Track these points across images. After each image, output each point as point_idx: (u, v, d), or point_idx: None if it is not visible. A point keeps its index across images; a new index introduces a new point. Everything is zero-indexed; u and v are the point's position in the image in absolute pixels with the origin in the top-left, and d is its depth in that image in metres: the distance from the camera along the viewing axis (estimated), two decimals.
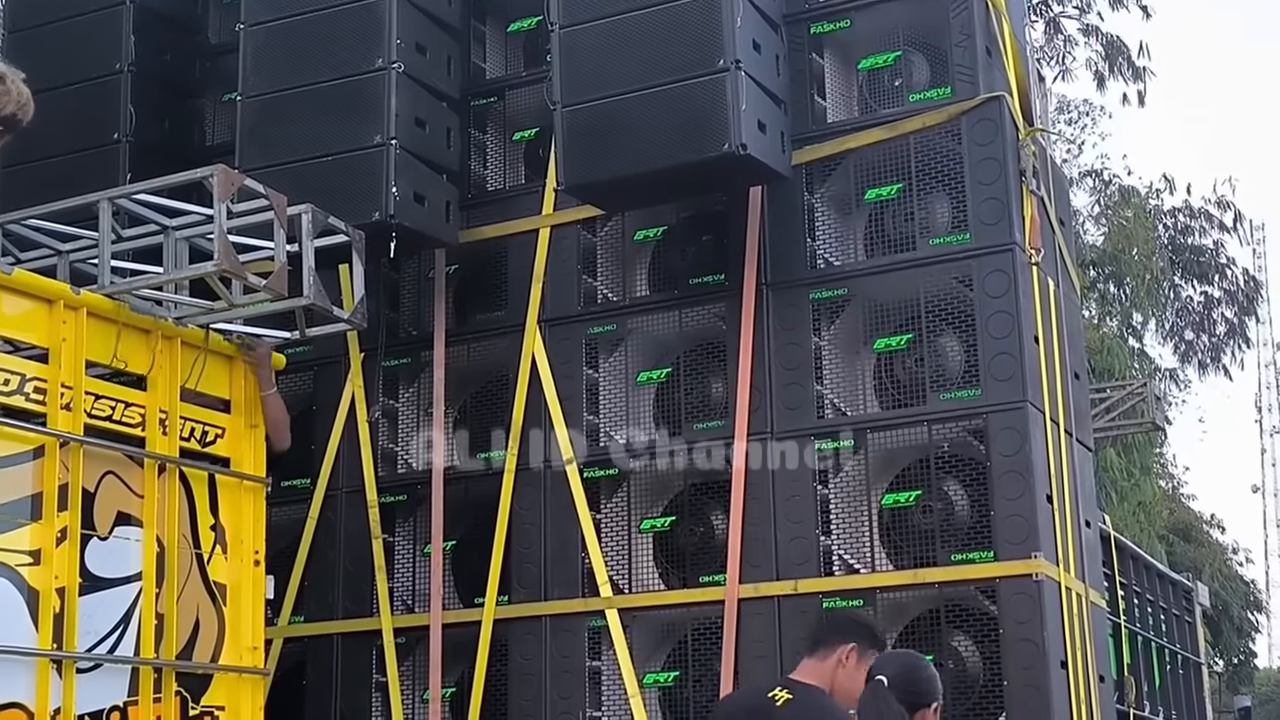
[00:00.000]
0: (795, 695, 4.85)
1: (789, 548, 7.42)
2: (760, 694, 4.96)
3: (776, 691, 4.89)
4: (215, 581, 6.25)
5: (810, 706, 4.85)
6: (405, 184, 7.71)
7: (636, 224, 8.19)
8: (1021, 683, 6.84)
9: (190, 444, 6.25)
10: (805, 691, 4.88)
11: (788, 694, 4.86)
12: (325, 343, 7.99)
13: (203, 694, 6.08)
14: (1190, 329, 28.88)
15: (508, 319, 8.36)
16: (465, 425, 8.46)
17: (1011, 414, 7.14)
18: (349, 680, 8.29)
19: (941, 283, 7.45)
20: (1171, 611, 12.19)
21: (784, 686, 4.92)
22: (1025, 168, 7.53)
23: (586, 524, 7.85)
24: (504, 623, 7.95)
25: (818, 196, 7.87)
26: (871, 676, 4.69)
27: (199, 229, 6.20)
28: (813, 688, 4.93)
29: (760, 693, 4.98)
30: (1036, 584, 6.91)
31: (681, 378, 7.95)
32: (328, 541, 8.50)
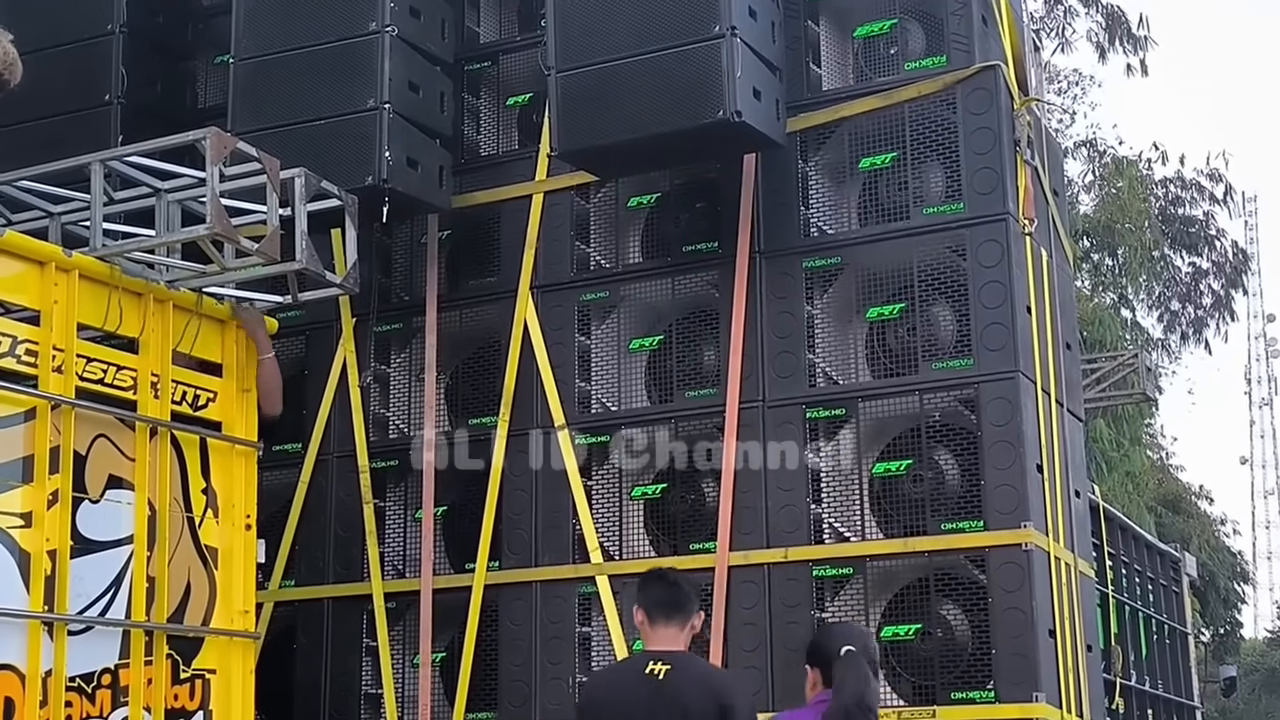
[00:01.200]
0: (673, 665, 4.92)
1: (779, 516, 7.44)
2: (636, 671, 5.00)
3: (653, 666, 4.94)
4: (206, 545, 6.25)
5: (694, 672, 4.98)
6: (398, 148, 7.68)
7: (630, 190, 8.17)
8: (1009, 651, 6.88)
9: (182, 408, 6.24)
10: (681, 659, 4.97)
11: (665, 665, 4.92)
12: (317, 307, 7.98)
13: (194, 657, 6.10)
14: (1176, 300, 28.91)
15: (500, 285, 8.35)
16: (457, 391, 8.46)
17: (1003, 384, 7.15)
18: (339, 644, 8.31)
19: (935, 252, 7.45)
20: (1159, 582, 12.24)
21: (655, 659, 4.97)
22: (1020, 137, 7.52)
23: (577, 490, 7.86)
24: (494, 588, 7.97)
25: (811, 164, 7.85)
26: (838, 649, 4.75)
27: (191, 192, 6.18)
28: (684, 654, 5.03)
29: (635, 670, 5.02)
30: (1026, 553, 6.94)
31: (674, 345, 7.95)
32: (319, 506, 8.51)
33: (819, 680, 4.89)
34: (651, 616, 5.09)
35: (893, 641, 7.15)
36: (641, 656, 5.09)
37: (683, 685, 4.87)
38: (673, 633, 5.05)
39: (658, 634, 5.06)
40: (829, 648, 4.85)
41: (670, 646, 5.02)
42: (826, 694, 4.78)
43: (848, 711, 4.59)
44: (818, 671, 4.90)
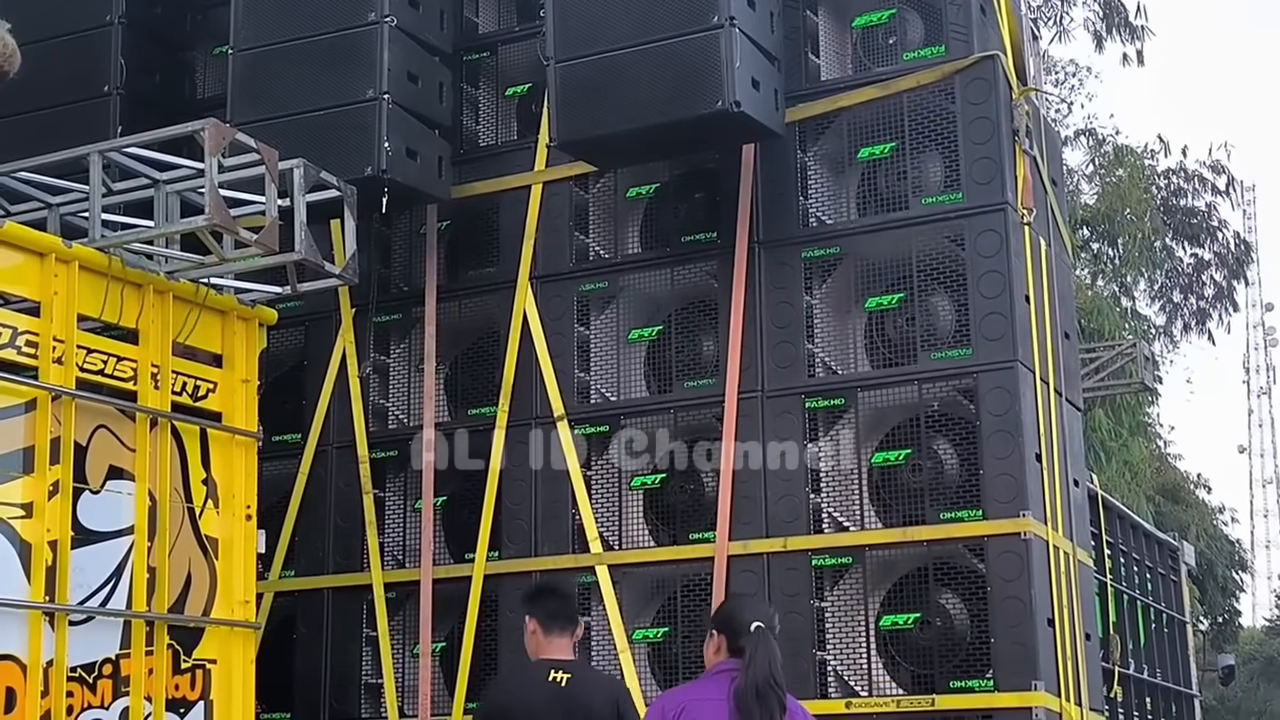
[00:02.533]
0: (573, 674, 5.33)
1: (779, 505, 7.45)
2: (539, 679, 5.32)
3: (555, 674, 5.31)
4: (207, 535, 6.27)
5: (591, 678, 5.52)
6: (397, 139, 7.69)
7: (629, 181, 8.18)
8: (1008, 640, 6.89)
9: (182, 398, 6.25)
10: (576, 667, 5.43)
11: (565, 674, 5.31)
12: (316, 298, 7.99)
13: (194, 647, 6.12)
14: (1178, 290, 28.90)
15: (499, 275, 8.36)
16: (456, 381, 8.47)
17: (1001, 373, 7.16)
18: (339, 634, 8.33)
19: (933, 242, 7.45)
20: (1157, 570, 12.25)
21: (555, 668, 5.33)
22: (1018, 127, 7.53)
23: (577, 481, 7.87)
24: (494, 578, 7.98)
25: (810, 155, 7.86)
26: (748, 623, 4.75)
27: (190, 183, 6.19)
28: (577, 662, 5.51)
29: (538, 678, 5.34)
30: (1024, 542, 6.95)
31: (673, 335, 7.96)
32: (319, 496, 8.52)
33: (723, 646, 4.84)
34: (546, 628, 5.43)
35: (892, 630, 7.17)
36: (541, 664, 5.38)
37: (584, 690, 5.29)
38: (565, 642, 5.44)
39: (552, 644, 5.41)
40: (741, 619, 4.82)
41: (564, 655, 5.41)
42: (731, 662, 4.76)
43: (758, 687, 4.60)
44: (723, 638, 4.85)
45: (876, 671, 7.18)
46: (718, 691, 4.67)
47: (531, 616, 5.49)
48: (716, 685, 4.71)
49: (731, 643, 4.79)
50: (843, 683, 7.26)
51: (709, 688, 4.75)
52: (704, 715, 4.64)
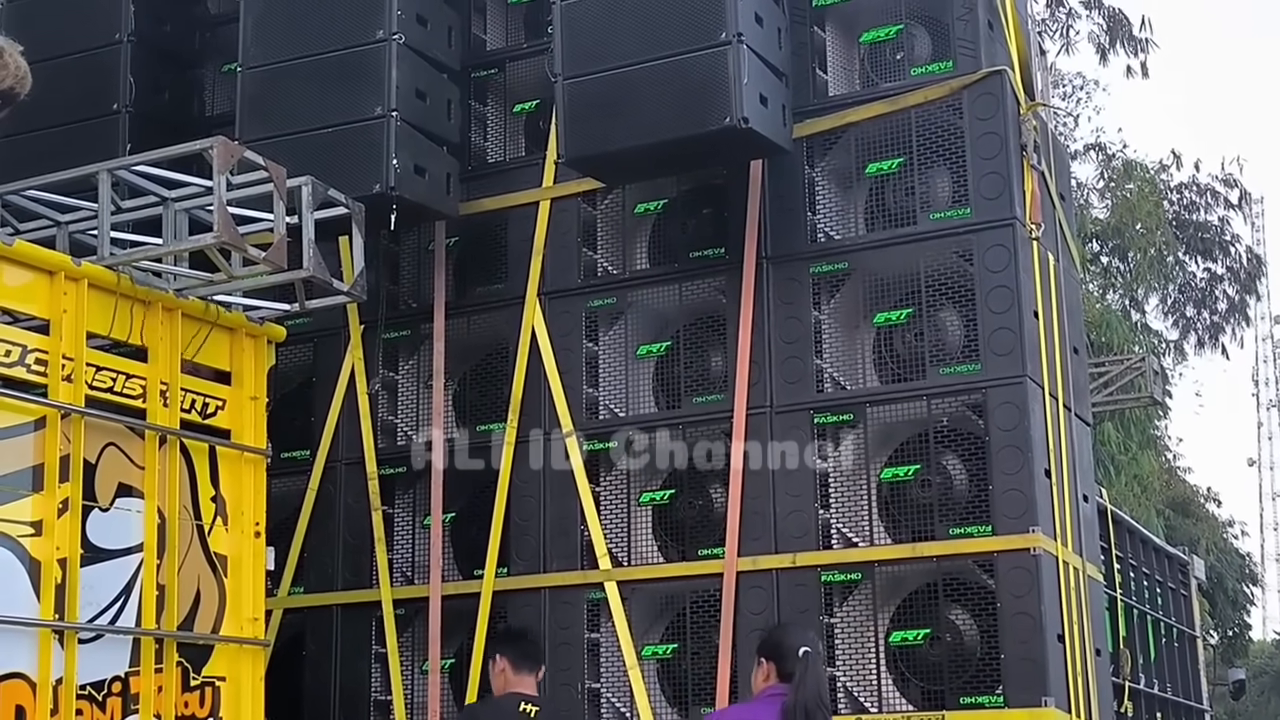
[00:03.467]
0: (541, 707, 5.97)
1: (788, 521, 7.44)
2: (511, 711, 5.91)
3: (524, 707, 5.90)
4: (216, 553, 6.27)
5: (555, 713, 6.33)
6: (406, 156, 7.70)
7: (637, 197, 8.18)
8: (1018, 656, 6.87)
9: (191, 416, 6.26)
10: (544, 702, 6.09)
11: (534, 707, 5.93)
12: (325, 315, 8.00)
13: (204, 664, 6.12)
14: (1191, 305, 28.87)
15: (508, 291, 8.36)
16: (465, 397, 8.47)
17: (1010, 389, 7.15)
18: (348, 651, 8.33)
19: (942, 257, 7.45)
20: (1167, 585, 12.22)
21: (525, 701, 5.93)
22: (1026, 142, 7.53)
23: (586, 497, 7.87)
24: (503, 594, 7.97)
25: (818, 170, 7.86)
26: (797, 648, 5.05)
27: (198, 200, 6.21)
28: (541, 697, 6.10)
29: (510, 709, 5.92)
30: (1034, 558, 6.93)
31: (681, 351, 7.96)
32: (327, 513, 8.52)
33: (772, 673, 5.10)
34: (516, 667, 6.06)
35: (901, 646, 7.16)
36: (511, 697, 5.97)
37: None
38: (530, 680, 6.07)
39: (520, 680, 6.04)
40: (788, 645, 5.10)
41: (530, 691, 6.03)
42: (780, 687, 5.02)
43: (808, 708, 4.91)
44: (772, 665, 5.11)
45: (886, 688, 7.17)
46: (768, 713, 4.96)
47: (503, 655, 6.10)
48: (767, 707, 5.00)
49: (781, 668, 5.06)
50: (853, 699, 7.24)
51: (759, 709, 5.05)
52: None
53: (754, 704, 5.18)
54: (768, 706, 5.00)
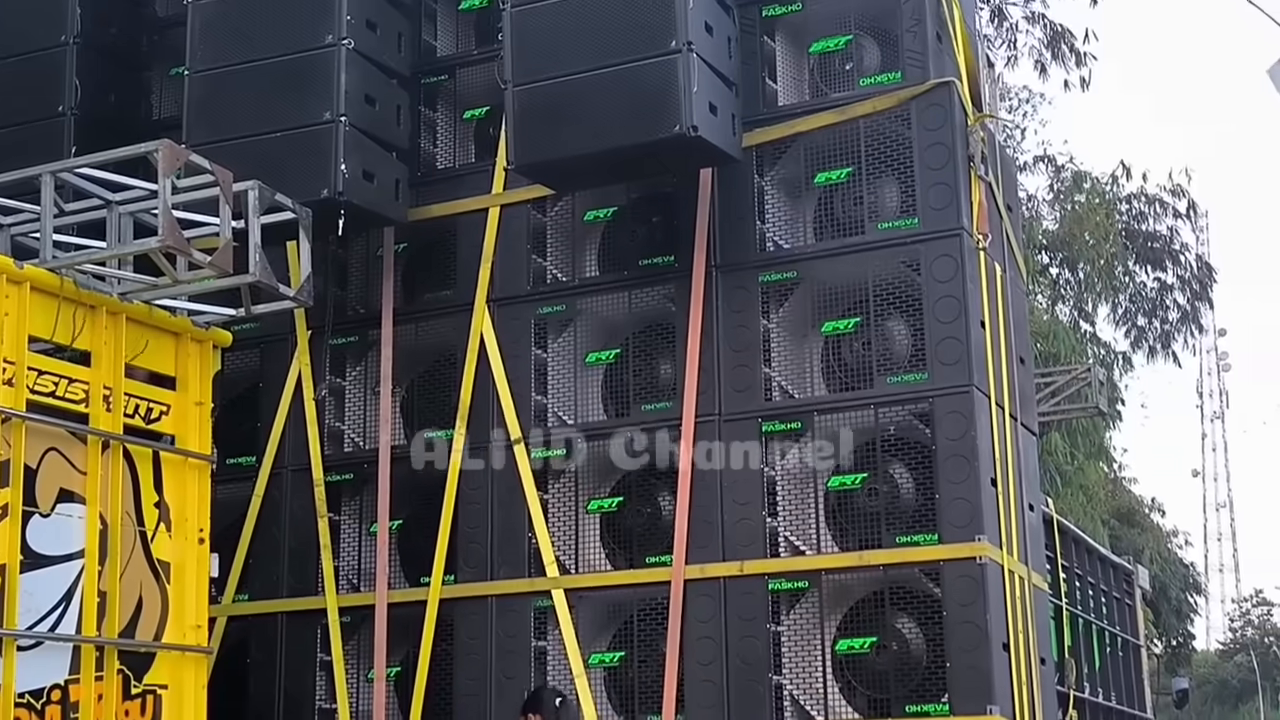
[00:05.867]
0: None
1: (736, 529, 7.45)
2: None
3: None
4: (159, 559, 6.22)
5: None
6: (354, 161, 7.67)
7: (586, 204, 8.18)
8: (964, 664, 6.91)
9: (134, 421, 6.21)
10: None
11: None
12: (272, 320, 7.95)
13: (145, 672, 6.06)
14: (1143, 314, 29.09)
15: (456, 298, 8.34)
16: (413, 404, 8.43)
17: (957, 398, 7.19)
18: (293, 659, 8.27)
19: (889, 267, 7.48)
20: (1112, 594, 12.31)
21: None
22: (974, 153, 7.58)
23: (534, 504, 7.85)
24: (450, 602, 7.94)
25: (768, 179, 7.88)
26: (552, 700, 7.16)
27: (143, 204, 6.16)
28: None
29: None
30: (980, 567, 6.97)
31: (630, 359, 7.96)
32: (273, 519, 8.46)
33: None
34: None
35: (848, 655, 7.17)
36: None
37: None
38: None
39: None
40: (546, 698, 7.21)
41: None
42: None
43: None
44: (538, 716, 7.05)
45: (832, 696, 7.18)
46: None
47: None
48: None
49: (545, 717, 7.00)
50: (799, 707, 7.25)
51: None
52: None
53: None
54: None
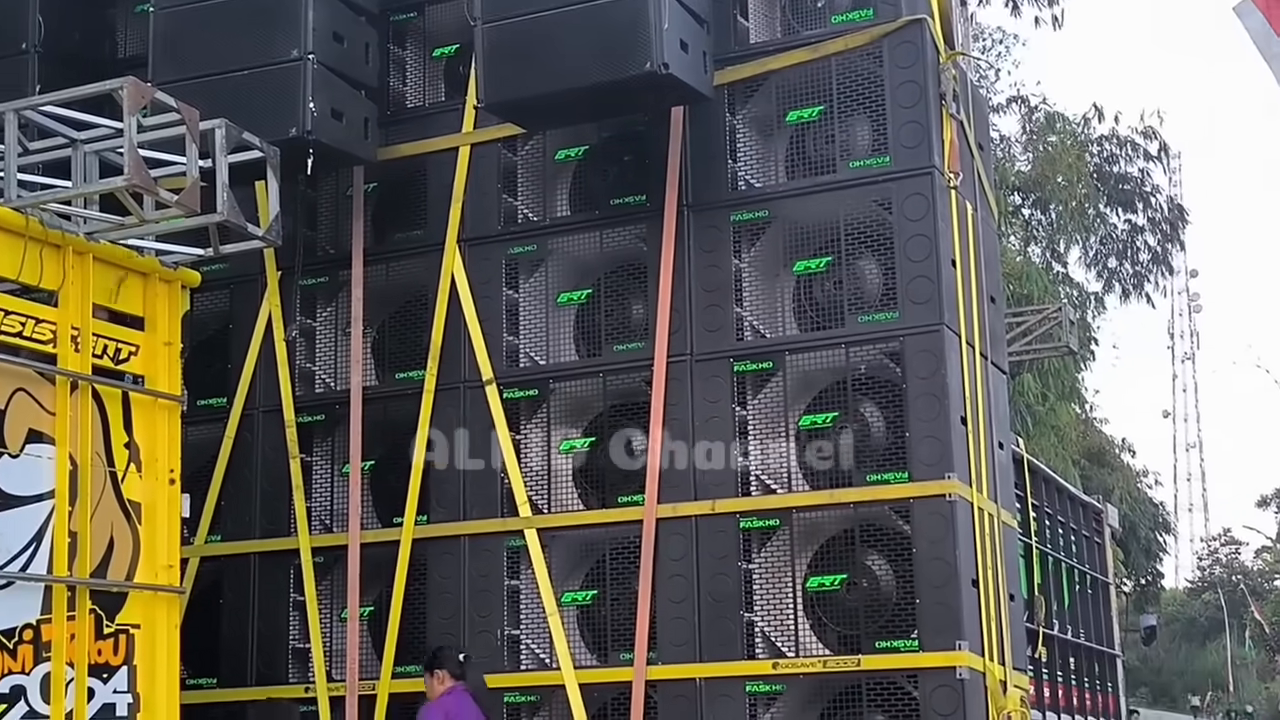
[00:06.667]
0: None
1: (707, 468, 7.47)
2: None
3: None
4: (129, 500, 6.19)
5: None
6: (322, 100, 7.60)
7: (557, 143, 8.14)
8: (933, 600, 6.96)
9: (103, 361, 6.17)
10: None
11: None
12: (241, 260, 7.89)
13: (117, 612, 6.05)
14: (1114, 256, 29.15)
15: (427, 238, 8.30)
16: (384, 345, 8.41)
17: (928, 337, 7.21)
18: (266, 599, 8.28)
19: (861, 206, 7.47)
20: (1081, 533, 12.40)
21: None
22: (945, 91, 7.55)
23: (506, 444, 7.85)
24: (422, 542, 7.95)
25: (739, 118, 7.85)
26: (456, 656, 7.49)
27: (109, 143, 6.10)
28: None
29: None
30: (950, 504, 7.01)
31: (602, 299, 7.94)
32: (244, 461, 8.45)
33: (447, 677, 7.38)
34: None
35: (818, 592, 7.22)
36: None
37: None
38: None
39: None
40: (450, 654, 7.45)
41: None
42: (457, 685, 7.37)
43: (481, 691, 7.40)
44: (445, 671, 7.38)
45: (803, 632, 7.23)
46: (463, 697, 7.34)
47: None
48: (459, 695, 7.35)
49: (452, 672, 7.39)
50: (770, 644, 7.31)
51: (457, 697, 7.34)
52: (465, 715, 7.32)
53: (448, 697, 7.32)
54: (461, 696, 7.33)
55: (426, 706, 7.41)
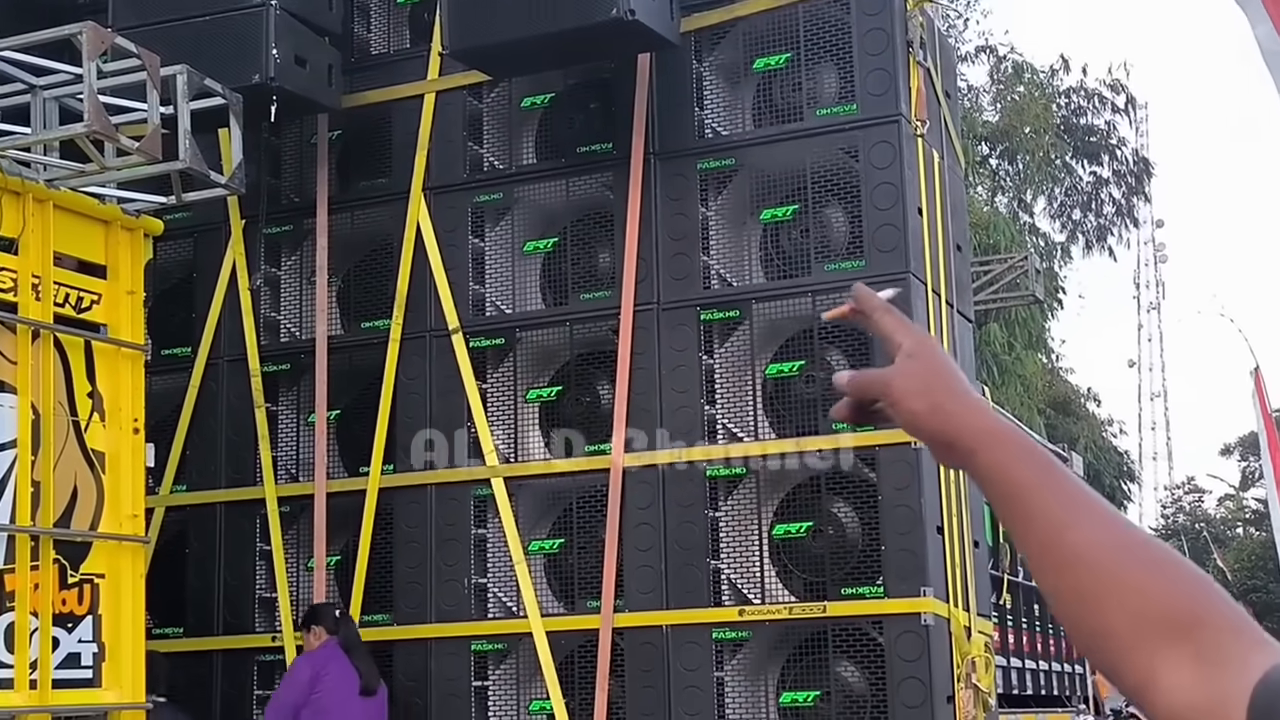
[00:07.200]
0: None
1: (674, 417, 7.48)
2: None
3: None
4: (93, 449, 6.16)
5: None
6: (286, 46, 7.52)
7: (524, 90, 8.08)
8: (898, 547, 7.00)
9: (65, 310, 6.12)
10: None
11: None
12: (205, 209, 7.84)
13: (82, 561, 6.03)
14: (1078, 208, 29.26)
15: (392, 186, 8.25)
16: (349, 294, 8.38)
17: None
18: (232, 549, 8.27)
19: (828, 154, 7.46)
20: None
21: None
22: (913, 39, 7.53)
23: (472, 393, 7.84)
24: (389, 491, 7.95)
25: (706, 65, 7.81)
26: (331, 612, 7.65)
27: (68, 89, 6.02)
28: None
29: None
30: (915, 451, 7.04)
31: (568, 247, 7.92)
32: (210, 410, 8.42)
33: (323, 633, 7.39)
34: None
35: (785, 539, 7.25)
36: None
37: None
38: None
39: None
40: (325, 611, 7.52)
41: None
42: (331, 639, 7.36)
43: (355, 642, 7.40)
44: (320, 627, 7.40)
45: (770, 580, 7.27)
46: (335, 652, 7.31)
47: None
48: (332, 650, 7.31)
49: (327, 627, 7.40)
50: (736, 591, 7.34)
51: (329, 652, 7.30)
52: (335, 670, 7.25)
53: (321, 651, 7.33)
54: (332, 649, 7.31)
55: (298, 659, 7.48)
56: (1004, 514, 1.31)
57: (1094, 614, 1.21)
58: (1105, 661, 1.21)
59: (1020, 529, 1.29)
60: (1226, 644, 1.15)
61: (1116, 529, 1.24)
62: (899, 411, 1.41)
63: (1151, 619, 1.17)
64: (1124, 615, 1.19)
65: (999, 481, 1.31)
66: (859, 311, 1.53)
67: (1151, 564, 1.20)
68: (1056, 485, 1.28)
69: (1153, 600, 1.18)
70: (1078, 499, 1.27)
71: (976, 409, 1.36)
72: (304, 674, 7.29)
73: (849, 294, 1.48)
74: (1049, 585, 1.26)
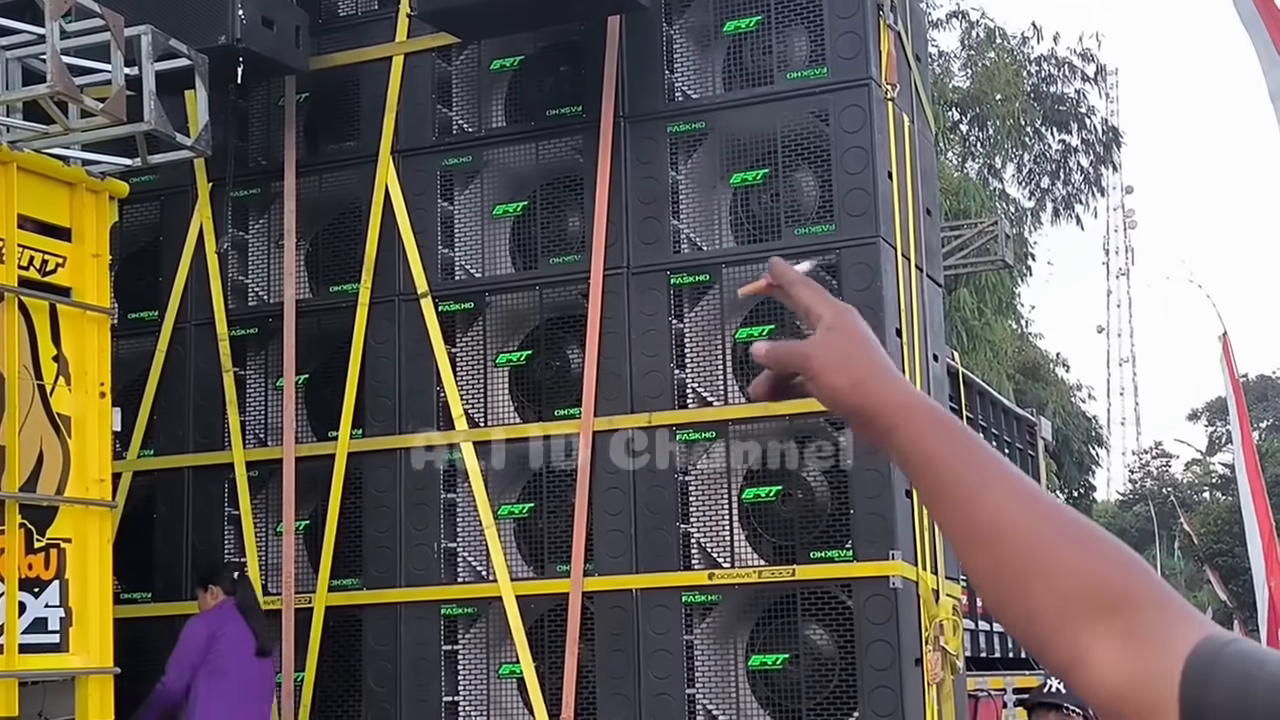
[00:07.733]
0: None
1: (643, 381, 7.47)
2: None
3: None
4: (59, 413, 6.12)
5: None
6: (252, 7, 7.45)
7: (493, 53, 8.03)
8: (867, 511, 7.02)
9: (30, 273, 6.07)
10: None
11: None
12: (171, 172, 7.78)
13: (48, 526, 6.00)
14: (1047, 176, 29.33)
15: (360, 149, 8.19)
16: (317, 258, 8.33)
17: (864, 249, 7.22)
18: (200, 514, 8.24)
19: (798, 117, 7.44)
20: (1015, 446, 12.54)
21: None
22: (883, 2, 7.51)
23: (441, 358, 7.82)
24: (358, 456, 7.93)
25: (676, 27, 7.77)
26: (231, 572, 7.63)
27: (31, 49, 5.96)
28: None
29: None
30: None
31: (538, 211, 7.89)
32: (177, 374, 8.37)
33: (219, 592, 7.36)
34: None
35: (754, 503, 7.27)
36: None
37: None
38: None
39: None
40: (224, 571, 7.57)
41: None
42: (229, 599, 7.33)
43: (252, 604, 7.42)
44: (217, 588, 7.37)
45: (739, 543, 7.29)
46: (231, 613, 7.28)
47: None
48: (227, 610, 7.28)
49: (224, 588, 7.37)
50: (706, 554, 7.36)
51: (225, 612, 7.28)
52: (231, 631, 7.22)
53: (217, 611, 7.29)
54: (228, 610, 7.28)
55: (192, 620, 7.39)
56: (920, 489, 1.28)
57: (1018, 594, 1.18)
58: (1031, 640, 1.18)
59: (935, 503, 1.26)
60: (1154, 619, 1.13)
61: (1029, 498, 1.21)
62: (818, 386, 1.37)
63: (1080, 598, 1.15)
64: (1051, 595, 1.16)
65: (913, 454, 1.27)
66: (776, 285, 1.47)
67: (1076, 541, 1.18)
68: (966, 454, 1.25)
69: (1082, 580, 1.15)
70: (987, 466, 1.23)
71: (896, 384, 1.32)
72: (200, 634, 7.21)
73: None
74: (969, 563, 1.22)
